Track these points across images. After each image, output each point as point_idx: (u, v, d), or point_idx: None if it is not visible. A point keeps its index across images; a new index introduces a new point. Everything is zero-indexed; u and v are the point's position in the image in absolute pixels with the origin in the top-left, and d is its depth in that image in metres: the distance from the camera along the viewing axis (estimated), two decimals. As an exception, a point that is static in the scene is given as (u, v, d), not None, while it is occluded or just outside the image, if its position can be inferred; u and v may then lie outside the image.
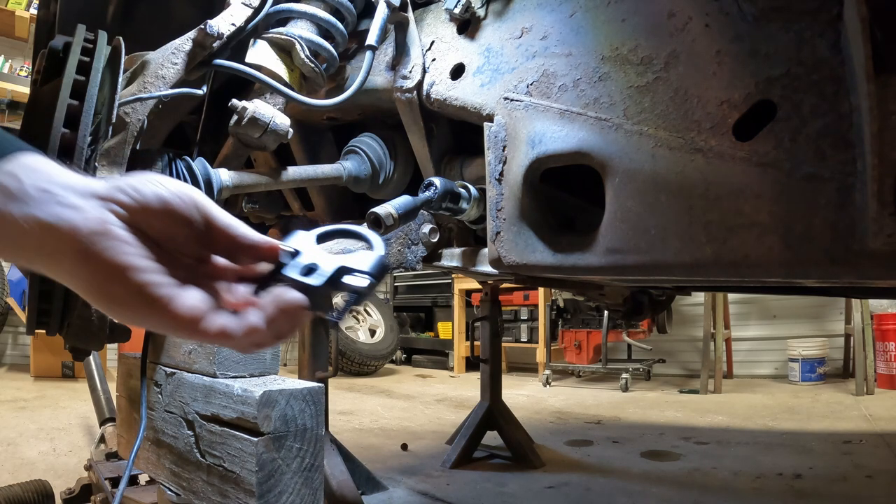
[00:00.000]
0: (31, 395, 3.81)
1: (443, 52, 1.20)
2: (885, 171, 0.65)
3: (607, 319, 4.44)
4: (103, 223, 0.42)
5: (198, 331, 0.44)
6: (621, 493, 1.99)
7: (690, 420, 3.19)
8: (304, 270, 0.48)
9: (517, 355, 5.89)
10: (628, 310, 2.42)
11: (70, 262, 0.42)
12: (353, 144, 1.38)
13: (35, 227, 0.41)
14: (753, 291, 2.26)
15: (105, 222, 0.42)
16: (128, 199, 0.43)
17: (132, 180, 0.44)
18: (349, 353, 5.20)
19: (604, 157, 0.89)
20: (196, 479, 1.01)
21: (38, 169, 0.42)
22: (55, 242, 0.41)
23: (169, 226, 0.44)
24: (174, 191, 0.44)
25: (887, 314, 3.86)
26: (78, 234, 0.41)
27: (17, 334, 5.22)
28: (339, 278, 0.47)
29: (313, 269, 0.48)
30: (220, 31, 1.08)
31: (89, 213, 0.42)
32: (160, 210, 0.44)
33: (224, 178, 1.15)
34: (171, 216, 0.44)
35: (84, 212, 0.42)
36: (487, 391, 2.52)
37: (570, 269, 0.96)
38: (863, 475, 2.08)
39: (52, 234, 0.41)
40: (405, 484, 2.12)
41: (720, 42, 0.80)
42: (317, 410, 0.91)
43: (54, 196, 0.41)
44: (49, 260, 0.42)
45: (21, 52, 5.32)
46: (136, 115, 1.03)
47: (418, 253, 1.33)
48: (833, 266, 0.71)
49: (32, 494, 1.61)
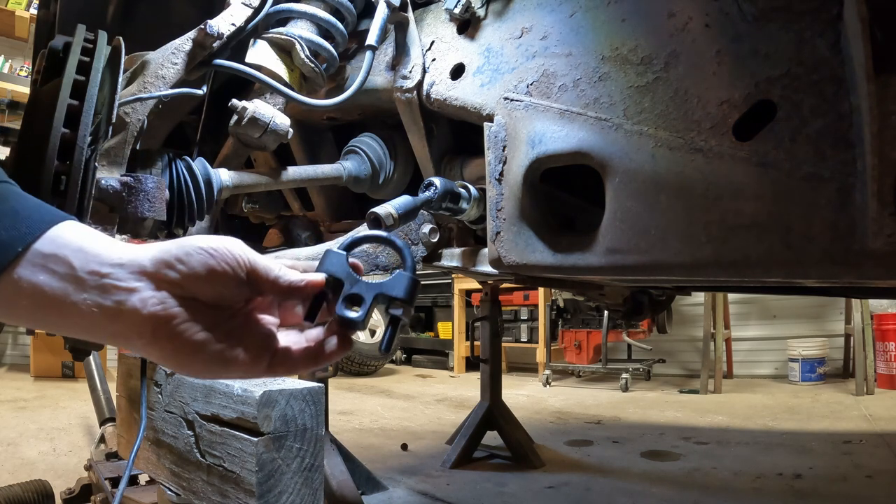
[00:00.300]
0: (31, 395, 3.81)
1: (443, 52, 1.20)
2: (885, 171, 0.65)
3: (607, 319, 4.43)
4: (165, 307, 0.44)
5: (264, 374, 0.50)
6: (621, 493, 1.99)
7: (690, 420, 3.19)
8: (345, 302, 0.52)
9: (517, 355, 5.88)
10: (628, 310, 2.41)
11: (140, 342, 0.44)
12: (353, 144, 1.38)
13: (98, 313, 0.42)
14: (753, 291, 2.26)
15: (166, 307, 0.44)
16: (177, 275, 0.45)
17: (178, 251, 0.46)
18: (349, 353, 5.19)
19: (604, 157, 0.89)
20: (196, 479, 1.01)
21: (83, 248, 0.43)
22: (120, 326, 0.43)
23: (219, 289, 0.47)
24: (218, 254, 0.46)
25: (887, 314, 3.86)
26: (141, 317, 0.43)
27: (17, 334, 5.22)
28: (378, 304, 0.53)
29: (354, 299, 0.53)
30: (220, 31, 1.08)
31: (147, 295, 0.44)
32: (208, 277, 0.46)
33: (224, 178, 1.15)
34: (219, 280, 0.46)
35: (141, 293, 0.44)
36: (487, 391, 2.52)
37: (570, 269, 0.96)
38: (863, 475, 2.08)
39: (115, 318, 0.43)
40: (405, 484, 2.12)
41: (720, 42, 0.80)
42: (317, 410, 0.91)
43: (108, 278, 0.43)
44: (117, 339, 0.45)
45: (21, 52, 5.32)
46: (136, 115, 1.03)
47: (418, 253, 1.33)
48: (833, 266, 0.71)
49: (32, 494, 1.61)
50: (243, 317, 0.50)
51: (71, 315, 0.42)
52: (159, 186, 0.99)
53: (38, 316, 0.42)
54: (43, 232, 0.42)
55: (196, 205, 1.09)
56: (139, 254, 0.45)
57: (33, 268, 0.41)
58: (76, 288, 0.42)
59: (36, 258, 0.41)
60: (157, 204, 0.98)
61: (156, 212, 0.98)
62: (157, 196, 0.98)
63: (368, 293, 0.53)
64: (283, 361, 0.51)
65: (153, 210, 0.97)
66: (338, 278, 0.53)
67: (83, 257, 0.43)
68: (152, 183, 0.97)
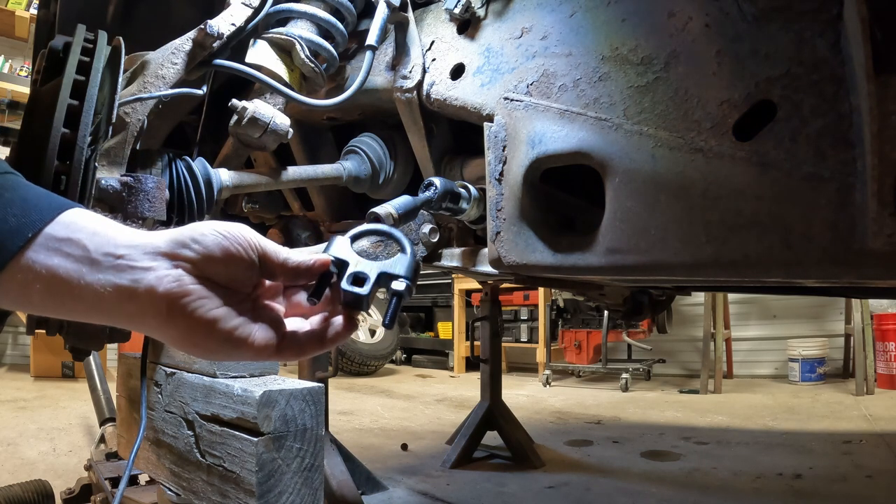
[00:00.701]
0: (31, 395, 3.81)
1: (443, 52, 1.20)
2: (885, 171, 0.65)
3: (607, 319, 4.43)
4: (181, 284, 0.44)
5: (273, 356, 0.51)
6: (621, 493, 1.99)
7: (690, 420, 3.19)
8: (350, 279, 0.54)
9: (517, 355, 5.88)
10: (628, 310, 2.41)
11: (155, 321, 0.45)
12: (353, 144, 1.38)
13: (113, 293, 0.43)
14: (753, 291, 2.26)
15: (182, 283, 0.44)
16: (192, 253, 0.45)
17: (192, 233, 0.46)
18: (349, 353, 5.19)
19: (604, 157, 0.89)
20: (196, 479, 1.01)
21: (97, 231, 0.44)
22: (136, 305, 0.43)
23: (232, 270, 0.48)
24: (231, 236, 0.47)
25: (887, 314, 3.86)
26: (157, 295, 0.43)
27: (17, 334, 5.22)
28: (381, 284, 0.55)
29: (359, 277, 0.54)
30: (220, 31, 1.08)
31: (162, 273, 0.44)
32: (222, 258, 0.47)
33: (224, 178, 1.15)
34: (233, 261, 0.47)
35: (157, 272, 0.44)
36: (487, 391, 2.52)
37: (570, 269, 0.96)
38: (863, 475, 2.08)
39: (130, 298, 0.43)
40: (405, 484, 2.12)
41: (720, 42, 0.80)
42: (317, 410, 0.91)
43: (124, 259, 0.43)
44: (132, 320, 0.45)
45: (21, 52, 5.32)
46: (136, 115, 1.02)
47: (418, 253, 1.33)
48: (833, 266, 0.71)
49: (32, 494, 1.61)
50: (252, 302, 0.51)
51: (85, 297, 0.42)
52: (159, 186, 0.99)
53: (52, 300, 0.43)
54: (53, 217, 0.42)
55: (196, 205, 1.09)
56: (153, 236, 0.46)
57: (48, 252, 0.41)
58: (91, 269, 0.42)
59: (50, 242, 0.42)
60: (157, 204, 0.98)
61: (156, 212, 0.98)
62: (157, 196, 0.98)
63: (372, 272, 0.54)
64: (291, 345, 0.51)
65: (153, 210, 0.97)
66: (342, 260, 0.55)
67: (98, 240, 0.43)
68: (152, 183, 0.97)
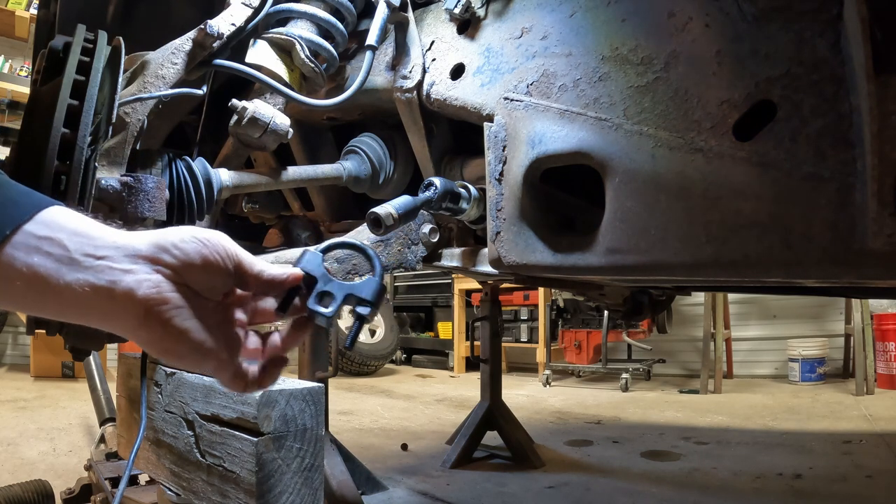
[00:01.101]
0: (31, 395, 3.81)
1: (443, 52, 1.20)
2: (885, 171, 0.65)
3: (607, 319, 4.43)
4: (159, 290, 0.45)
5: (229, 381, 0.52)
6: (621, 493, 1.99)
7: (690, 420, 3.19)
8: (317, 297, 0.56)
9: (517, 355, 5.88)
10: (628, 310, 2.41)
11: (130, 323, 0.45)
12: (353, 144, 1.38)
13: (90, 293, 0.43)
14: (753, 291, 2.26)
15: (161, 290, 0.45)
16: (173, 259, 0.46)
17: (172, 238, 0.47)
18: (349, 353, 5.20)
19: (604, 157, 0.89)
20: (196, 479, 1.01)
21: (78, 231, 0.44)
22: (112, 306, 0.44)
23: (209, 278, 0.48)
24: (210, 245, 0.48)
25: (887, 314, 3.86)
26: (135, 299, 0.44)
27: (17, 334, 5.22)
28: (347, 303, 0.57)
29: (326, 296, 0.56)
30: (220, 31, 1.08)
31: (142, 277, 0.44)
32: (201, 266, 0.47)
33: (224, 178, 1.15)
34: (211, 269, 0.48)
35: (137, 275, 0.44)
36: (487, 391, 2.52)
37: (570, 269, 0.96)
38: (863, 475, 2.08)
39: (108, 299, 0.43)
40: (405, 484, 2.12)
41: (720, 42, 0.80)
42: (317, 410, 0.91)
43: (103, 260, 0.43)
44: (105, 318, 0.45)
45: (21, 52, 5.32)
46: (136, 115, 1.02)
47: (418, 253, 1.33)
48: (833, 266, 0.71)
49: (32, 494, 1.61)
50: (221, 311, 0.51)
51: (64, 296, 0.42)
52: (159, 186, 0.99)
53: (32, 297, 0.43)
54: (32, 215, 0.42)
55: (196, 205, 1.09)
56: (134, 239, 0.46)
57: (27, 249, 0.42)
58: (70, 268, 0.42)
59: (30, 240, 0.42)
60: (157, 204, 0.98)
61: (156, 212, 0.98)
62: (157, 196, 0.98)
63: (339, 292, 0.57)
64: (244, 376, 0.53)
65: (153, 210, 0.97)
66: (312, 276, 0.56)
67: (78, 240, 0.43)
68: (152, 183, 0.97)
